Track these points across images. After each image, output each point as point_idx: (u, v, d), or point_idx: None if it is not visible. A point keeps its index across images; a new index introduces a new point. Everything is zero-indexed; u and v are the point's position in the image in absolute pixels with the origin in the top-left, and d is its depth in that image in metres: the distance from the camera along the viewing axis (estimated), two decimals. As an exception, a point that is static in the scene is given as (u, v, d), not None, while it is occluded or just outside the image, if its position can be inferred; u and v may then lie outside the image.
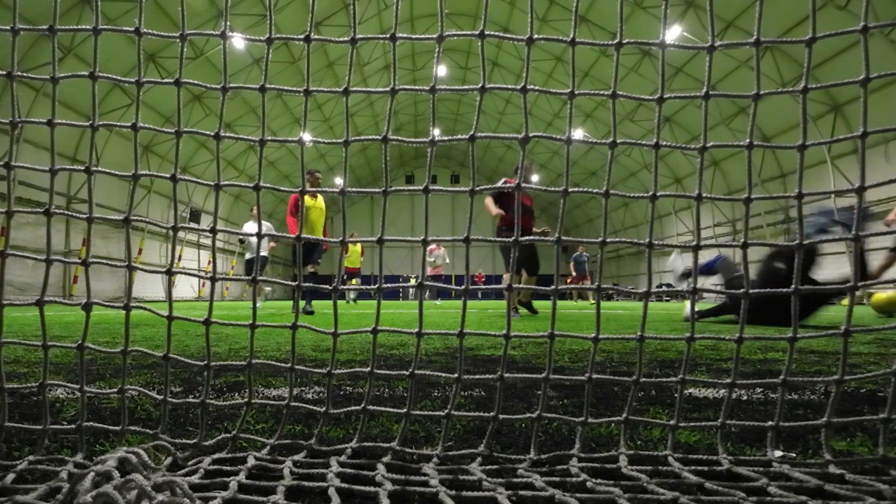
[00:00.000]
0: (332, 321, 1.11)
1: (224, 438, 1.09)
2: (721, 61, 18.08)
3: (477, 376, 1.11)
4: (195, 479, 0.90)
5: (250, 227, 10.20)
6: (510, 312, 1.09)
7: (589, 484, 0.89)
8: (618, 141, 1.06)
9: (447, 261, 15.26)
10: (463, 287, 1.07)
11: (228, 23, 1.09)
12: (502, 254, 5.79)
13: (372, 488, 0.87)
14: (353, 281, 14.87)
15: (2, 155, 13.72)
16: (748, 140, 1.04)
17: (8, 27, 1.07)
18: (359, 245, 11.24)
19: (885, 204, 16.48)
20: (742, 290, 1.04)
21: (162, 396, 1.11)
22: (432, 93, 1.07)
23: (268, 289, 12.42)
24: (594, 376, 1.08)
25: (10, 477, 0.90)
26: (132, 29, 1.08)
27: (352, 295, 14.64)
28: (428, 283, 1.06)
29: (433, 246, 15.73)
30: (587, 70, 23.67)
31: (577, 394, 1.66)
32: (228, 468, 0.96)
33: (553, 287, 1.05)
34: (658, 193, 1.05)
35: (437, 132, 1.10)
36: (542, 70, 24.93)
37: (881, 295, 6.57)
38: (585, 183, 33.58)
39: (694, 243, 1.05)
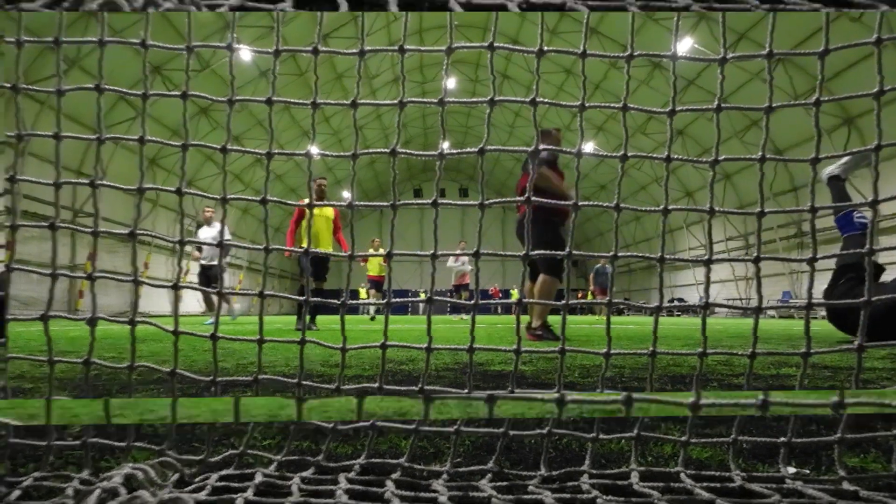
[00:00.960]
0: (340, 336, 1.11)
1: (231, 455, 1.09)
2: (733, 73, 18.20)
3: (487, 392, 1.09)
4: (202, 495, 0.91)
5: (204, 232, 10.00)
6: (519, 327, 1.09)
7: (600, 500, 0.89)
8: (629, 154, 1.06)
9: (471, 268, 15.27)
10: (473, 302, 1.07)
11: (235, 34, 1.09)
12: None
13: (381, 506, 0.86)
14: (363, 293, 14.97)
15: (7, 169, 13.72)
16: (761, 153, 1.04)
17: (13, 39, 1.07)
18: (381, 251, 11.23)
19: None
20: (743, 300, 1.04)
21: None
22: (441, 105, 1.07)
23: (237, 305, 12.38)
24: (606, 391, 1.07)
25: (16, 493, 0.90)
26: (138, 41, 1.08)
27: (371, 310, 14.60)
28: (437, 297, 1.06)
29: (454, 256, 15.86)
30: (598, 82, 23.87)
31: (588, 410, 1.65)
32: (236, 484, 0.97)
33: (564, 301, 1.05)
34: (669, 207, 1.05)
35: (446, 145, 1.10)
36: (553, 82, 25.13)
37: None
38: (595, 196, 33.85)
39: (706, 257, 1.05)
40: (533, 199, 1.04)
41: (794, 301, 19.80)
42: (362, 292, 14.86)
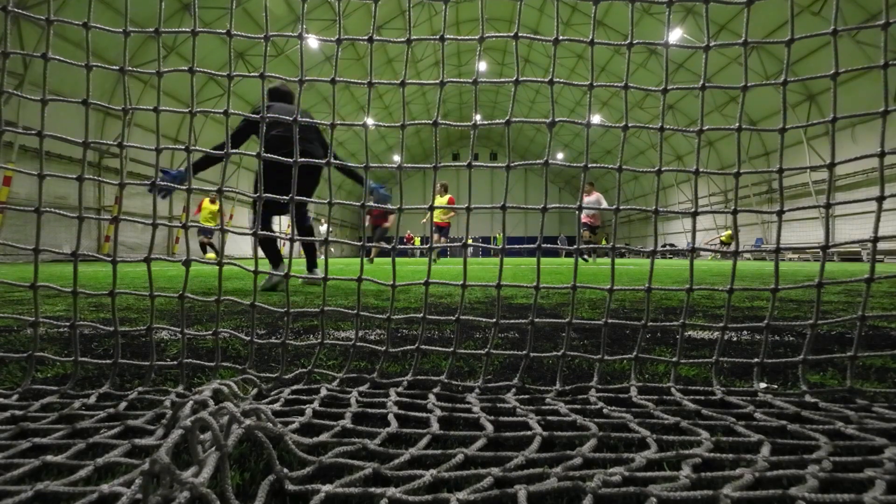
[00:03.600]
0: (392, 275, 1.29)
1: (301, 373, 1.25)
2: (715, 58, 21.61)
3: (512, 321, 1.23)
4: (277, 406, 1.02)
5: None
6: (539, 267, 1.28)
7: (605, 410, 1.01)
8: (629, 125, 1.26)
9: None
10: (500, 247, 1.27)
11: (305, 26, 1.30)
12: None
13: (424, 414, 0.98)
14: (417, 241, 15.56)
15: (116, 137, 16.17)
16: (738, 124, 1.23)
17: (120, 30, 1.27)
18: (446, 197, 11.65)
19: (852, 177, 18.98)
20: (733, 250, 1.24)
21: (249, 338, 1.26)
22: (474, 84, 1.26)
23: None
24: (609, 321, 1.25)
25: (123, 405, 1.03)
26: (224, 31, 1.28)
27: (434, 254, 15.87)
28: (471, 244, 1.26)
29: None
30: (603, 66, 26.87)
31: (595, 335, 1.88)
32: (305, 397, 1.09)
33: (575, 246, 1.25)
34: (663, 168, 1.23)
35: (478, 117, 1.29)
36: (566, 66, 28.51)
37: None
38: (602, 160, 38.45)
39: (693, 210, 1.25)
40: (552, 162, 1.25)
41: (765, 246, 23.18)
42: (417, 240, 15.91)
